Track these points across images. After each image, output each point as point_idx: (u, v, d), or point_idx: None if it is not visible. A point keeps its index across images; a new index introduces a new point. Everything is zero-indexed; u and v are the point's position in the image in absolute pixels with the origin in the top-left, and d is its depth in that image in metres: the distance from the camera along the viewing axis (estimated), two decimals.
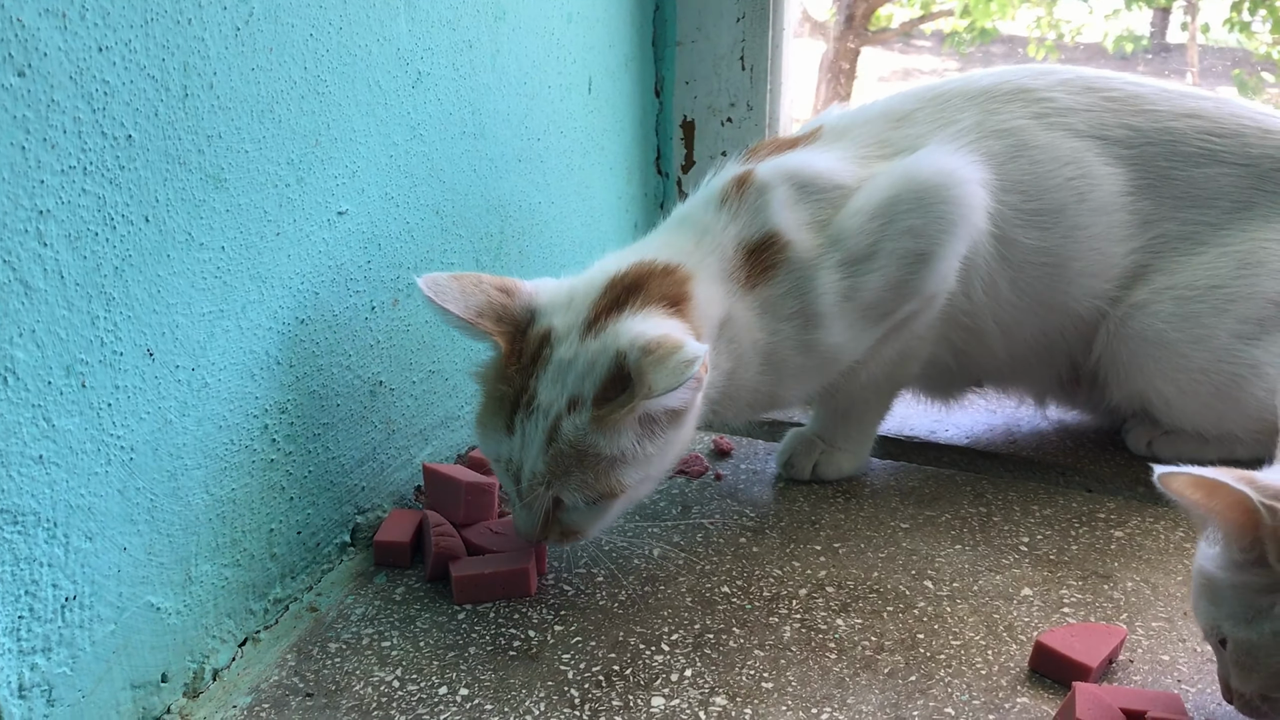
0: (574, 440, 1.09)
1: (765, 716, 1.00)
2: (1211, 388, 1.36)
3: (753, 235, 1.25)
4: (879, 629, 1.12)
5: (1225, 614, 0.86)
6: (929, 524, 1.33)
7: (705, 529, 1.32)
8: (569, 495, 1.11)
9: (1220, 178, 1.36)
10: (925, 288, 1.29)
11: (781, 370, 1.28)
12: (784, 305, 1.25)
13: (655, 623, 1.13)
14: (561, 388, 1.11)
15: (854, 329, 1.28)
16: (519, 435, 1.12)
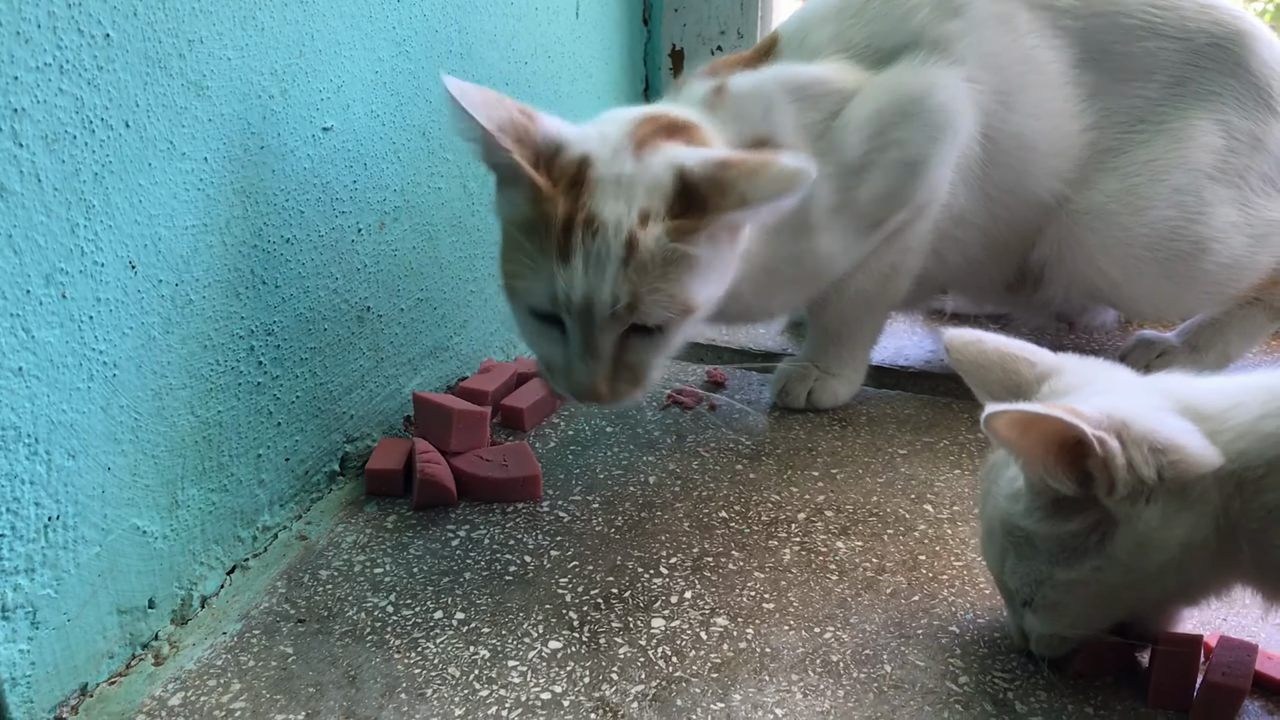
0: (657, 251, 1.05)
1: (768, 636, 0.98)
2: (1158, 267, 1.35)
3: (746, 136, 1.23)
4: (880, 551, 1.11)
5: (1045, 562, 0.86)
6: (927, 450, 1.32)
7: (701, 457, 1.31)
8: (653, 310, 1.06)
9: (1159, 52, 1.35)
10: (916, 197, 1.29)
11: (774, 278, 1.28)
12: None
13: (653, 547, 1.12)
14: (628, 202, 1.06)
15: (846, 239, 1.29)
16: (580, 260, 1.04)
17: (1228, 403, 0.83)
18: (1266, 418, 0.80)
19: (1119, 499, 0.80)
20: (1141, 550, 0.81)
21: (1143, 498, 0.80)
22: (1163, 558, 0.81)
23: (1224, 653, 0.89)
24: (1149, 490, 0.80)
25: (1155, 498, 0.80)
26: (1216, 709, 0.87)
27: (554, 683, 0.93)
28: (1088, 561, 0.83)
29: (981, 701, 0.91)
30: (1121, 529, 0.81)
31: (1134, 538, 0.81)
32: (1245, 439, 0.80)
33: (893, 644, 0.97)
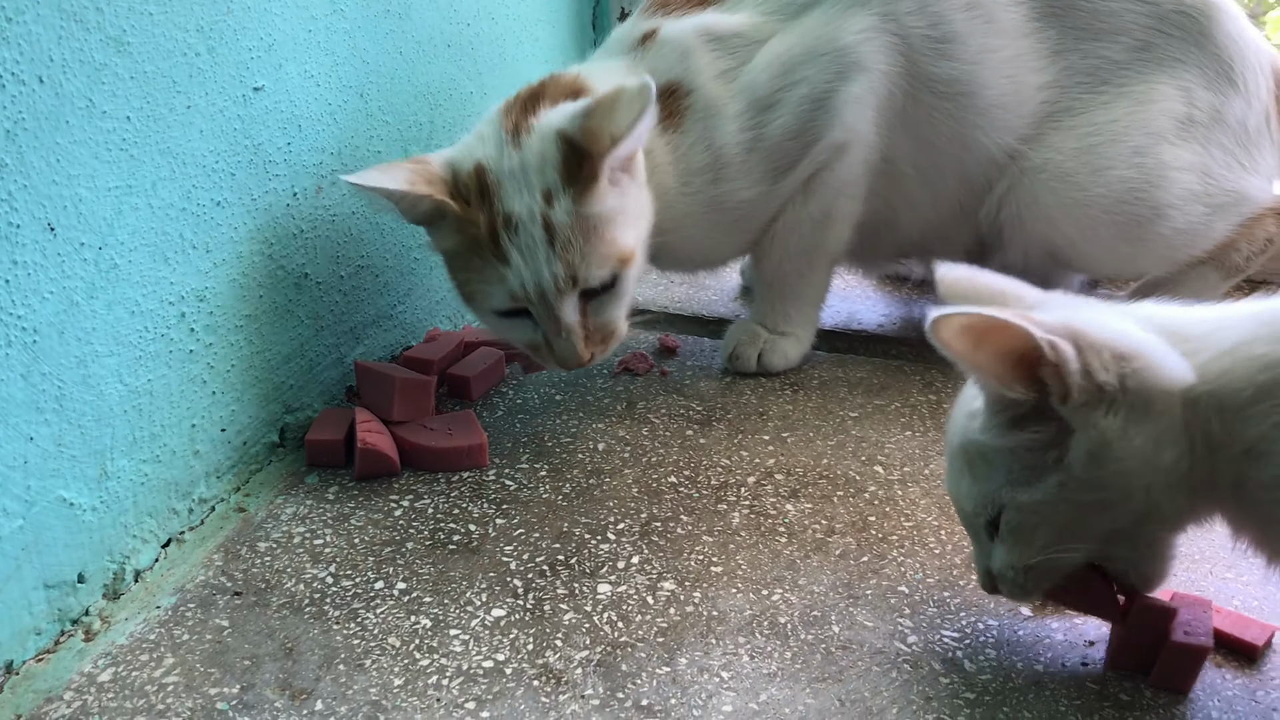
0: (571, 223, 1.13)
1: (715, 599, 0.97)
2: (1113, 228, 1.35)
3: (658, 81, 1.24)
4: (829, 513, 1.11)
5: (1003, 481, 0.84)
6: (878, 412, 1.32)
7: (651, 423, 1.30)
8: (594, 275, 1.15)
9: (1125, 14, 1.35)
10: (827, 134, 1.31)
11: (703, 225, 1.33)
12: (694, 157, 1.30)
13: (601, 513, 1.11)
14: (530, 191, 1.14)
15: (763, 182, 1.33)
16: (516, 256, 1.14)
17: (1210, 326, 0.81)
18: (1257, 341, 0.78)
19: (1075, 406, 0.78)
20: (1097, 462, 0.79)
21: (1102, 406, 0.78)
22: (1121, 470, 0.79)
23: (1183, 611, 0.89)
24: (1109, 399, 0.78)
25: (1116, 408, 0.78)
26: (1180, 669, 0.87)
27: (497, 650, 0.91)
28: (1050, 478, 0.81)
29: (930, 661, 0.90)
30: (1077, 439, 0.79)
31: (1089, 448, 0.79)
32: (1229, 359, 0.78)
33: (841, 605, 0.97)
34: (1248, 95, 1.36)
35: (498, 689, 0.87)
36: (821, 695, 0.86)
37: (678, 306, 1.66)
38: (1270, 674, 0.89)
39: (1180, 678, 0.87)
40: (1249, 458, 0.77)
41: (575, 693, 0.86)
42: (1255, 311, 0.81)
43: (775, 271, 1.42)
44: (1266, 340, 0.77)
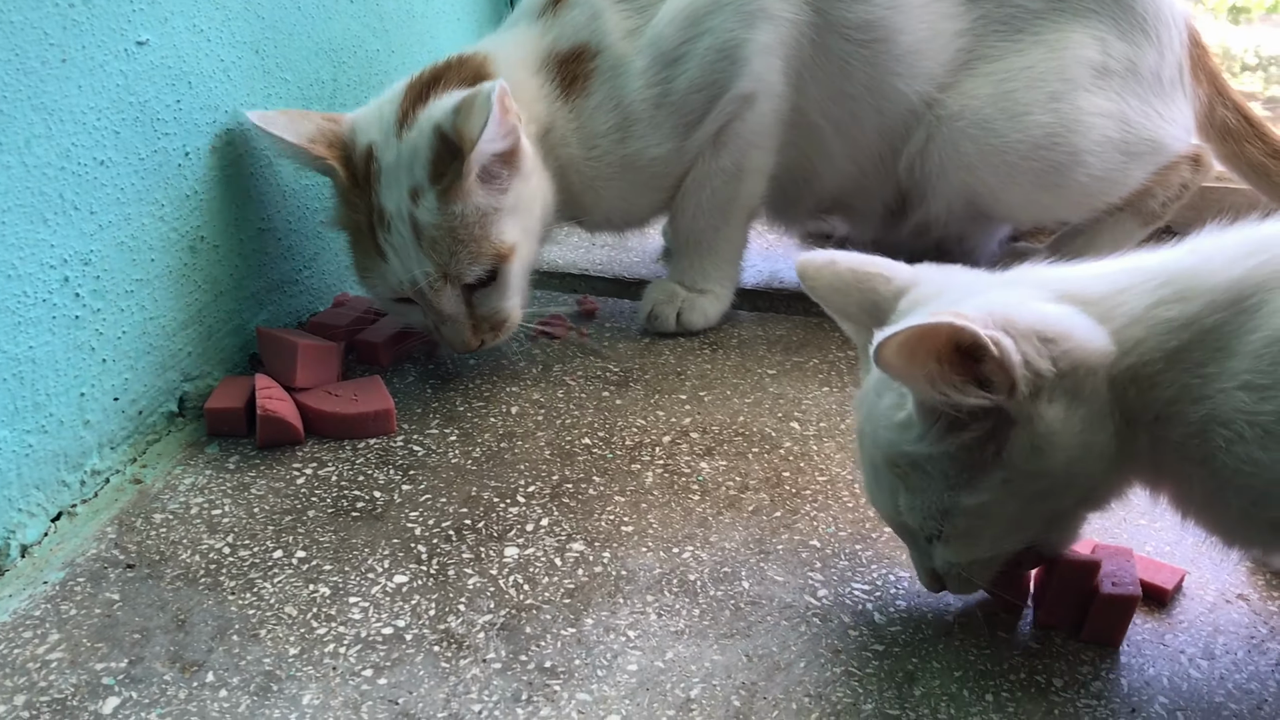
0: (436, 222, 1.15)
1: (625, 558, 0.96)
2: (1032, 175, 1.36)
3: (563, 46, 1.28)
4: (744, 470, 1.10)
5: (944, 487, 0.81)
6: (796, 369, 1.31)
7: (567, 385, 1.28)
8: (468, 273, 1.17)
9: None
10: (735, 85, 1.30)
11: (616, 184, 1.33)
12: (601, 119, 1.30)
13: (511, 477, 1.09)
14: (399, 187, 1.16)
15: (673, 138, 1.32)
16: (392, 254, 1.18)
17: (1111, 288, 0.79)
18: (1163, 304, 0.76)
19: (1020, 400, 0.76)
20: (1040, 453, 0.77)
21: (1043, 395, 0.76)
22: (1064, 458, 0.77)
23: (1106, 562, 0.88)
24: (1048, 386, 0.76)
25: (1054, 395, 0.76)
26: (1111, 621, 0.86)
27: (397, 617, 0.89)
28: (993, 475, 0.79)
29: (840, 614, 0.89)
30: (1017, 433, 0.77)
31: (1032, 440, 0.77)
32: (1140, 326, 0.76)
33: (752, 561, 0.96)
34: (1161, 47, 1.37)
35: (397, 655, 0.85)
36: (728, 651, 0.85)
37: (598, 269, 1.64)
38: (1179, 618, 0.89)
39: (1111, 630, 0.86)
40: (1161, 422, 0.76)
41: (477, 657, 0.85)
42: (1154, 269, 0.79)
43: (690, 228, 1.41)
44: (1172, 301, 0.76)
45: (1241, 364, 0.73)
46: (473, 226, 1.16)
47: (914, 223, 1.48)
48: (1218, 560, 0.95)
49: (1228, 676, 0.83)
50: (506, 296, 1.22)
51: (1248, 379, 0.72)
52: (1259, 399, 0.72)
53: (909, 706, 0.80)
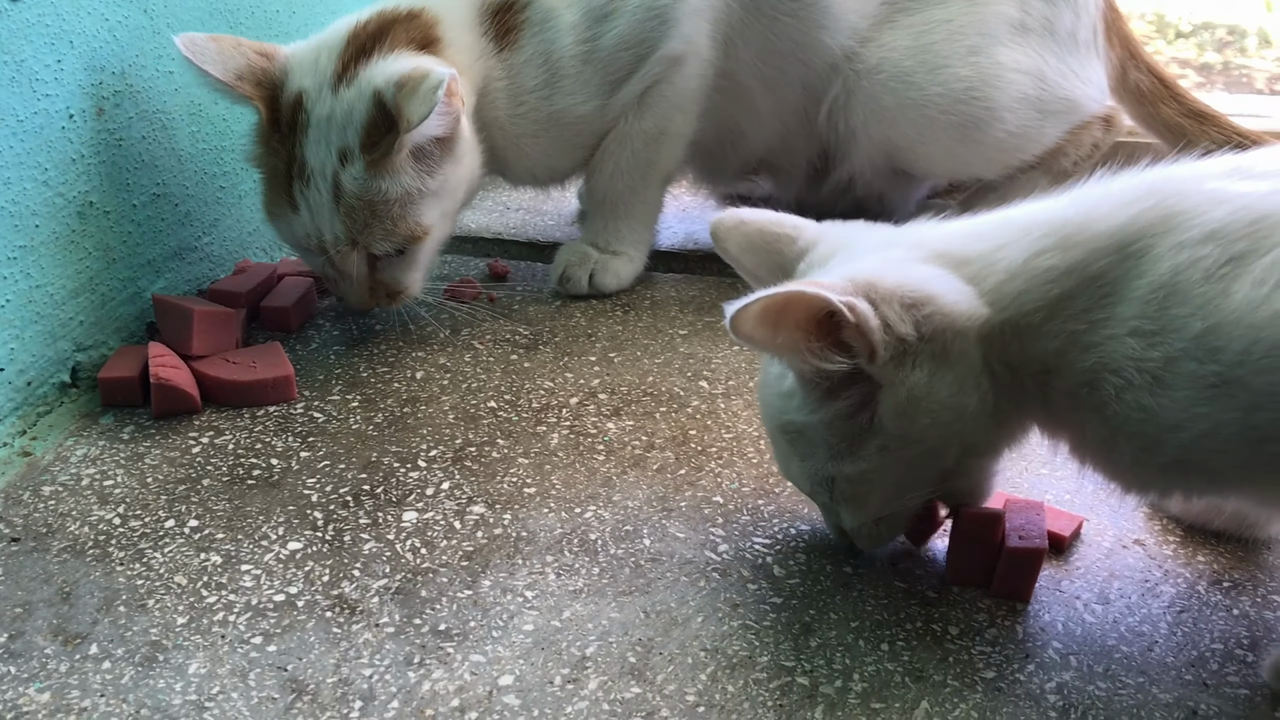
0: (359, 192, 1.14)
1: (525, 520, 0.95)
2: (951, 129, 1.37)
3: None
4: (650, 429, 1.09)
5: (826, 457, 0.82)
6: (708, 329, 1.31)
7: (475, 349, 1.26)
8: (377, 246, 1.17)
9: None
10: (663, 45, 1.30)
11: (539, 141, 1.33)
12: (529, 74, 1.28)
13: (413, 442, 1.08)
14: (328, 145, 1.14)
15: (598, 95, 1.32)
16: (305, 208, 1.17)
17: (989, 244, 0.80)
18: (1044, 254, 0.77)
19: (882, 364, 0.77)
20: (908, 417, 0.78)
21: (908, 360, 0.77)
22: (935, 421, 0.78)
23: (1015, 516, 0.89)
24: (912, 351, 0.77)
25: (919, 359, 0.77)
26: (1018, 576, 0.87)
27: (290, 584, 0.88)
28: (869, 444, 0.80)
29: (739, 568, 0.90)
30: (886, 398, 0.78)
31: (896, 405, 0.78)
32: (1020, 280, 0.77)
33: (655, 518, 0.96)
34: (1076, 8, 1.39)
35: (288, 622, 0.84)
36: (627, 608, 0.85)
37: (512, 233, 1.63)
38: (1076, 564, 0.91)
39: (1020, 584, 0.87)
40: (1051, 374, 0.77)
41: (370, 621, 0.84)
42: (1032, 220, 0.80)
43: (608, 188, 1.40)
44: (1053, 251, 0.77)
45: (1129, 310, 0.74)
46: (393, 204, 1.15)
47: (836, 180, 1.49)
48: (1116, 507, 0.96)
49: (1121, 620, 0.84)
50: (411, 271, 1.23)
51: (1136, 325, 0.73)
52: (1147, 345, 0.72)
53: (804, 657, 0.80)
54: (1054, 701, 0.76)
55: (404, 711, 0.75)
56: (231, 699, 0.76)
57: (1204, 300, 0.71)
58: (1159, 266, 0.73)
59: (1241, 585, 0.88)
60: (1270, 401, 0.68)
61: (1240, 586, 0.88)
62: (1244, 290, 0.69)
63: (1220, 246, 0.71)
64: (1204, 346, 0.70)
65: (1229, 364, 0.69)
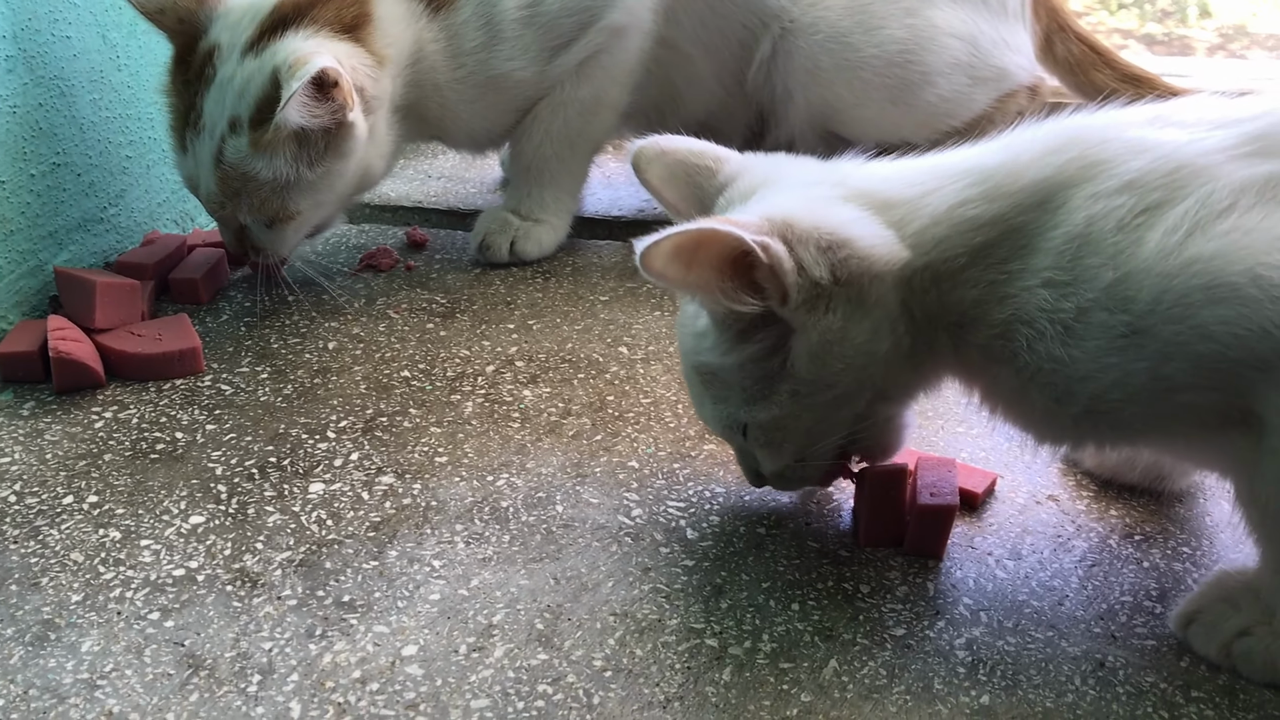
0: (235, 164, 1.13)
1: (436, 489, 0.94)
2: (885, 91, 1.37)
3: None
4: (567, 396, 1.08)
5: (739, 401, 0.82)
6: (629, 295, 1.30)
7: (390, 319, 1.24)
8: (243, 216, 1.17)
9: None
10: (606, 15, 1.29)
11: (474, 102, 1.31)
12: (469, 35, 1.26)
13: (323, 413, 1.06)
14: (223, 108, 1.13)
15: (538, 61, 1.30)
16: (192, 154, 1.16)
17: (917, 190, 0.78)
18: (969, 204, 0.76)
19: (795, 307, 0.76)
20: (820, 362, 0.77)
21: (822, 304, 0.76)
22: (847, 366, 0.78)
23: (926, 473, 0.89)
24: (827, 294, 0.75)
25: (833, 303, 0.76)
26: (929, 532, 0.86)
27: (190, 558, 0.86)
28: (781, 389, 0.79)
29: (652, 531, 0.89)
30: (797, 340, 0.77)
31: (810, 349, 0.77)
32: (942, 226, 0.76)
33: (568, 485, 0.95)
34: None
35: (187, 597, 0.82)
36: (536, 575, 0.84)
37: (433, 200, 1.61)
38: (989, 520, 0.91)
39: (931, 541, 0.87)
40: (966, 325, 0.77)
41: (271, 594, 0.82)
42: (959, 167, 0.79)
43: (535, 156, 1.38)
44: (978, 201, 0.76)
45: (1043, 261, 0.73)
46: (265, 185, 1.14)
47: (771, 145, 1.48)
48: (1030, 463, 0.97)
49: (1032, 575, 0.85)
50: (278, 240, 1.22)
51: (1049, 276, 0.73)
52: (1060, 296, 0.72)
53: (714, 619, 0.80)
54: (963, 657, 0.76)
55: (303, 684, 0.74)
56: (125, 676, 0.75)
57: (1116, 250, 0.70)
58: (1074, 217, 0.73)
59: (1152, 538, 0.89)
60: (1179, 351, 0.68)
61: (1151, 539, 0.89)
62: (1156, 239, 0.69)
63: (1136, 196, 0.71)
64: (1115, 296, 0.70)
65: (1139, 314, 0.69)
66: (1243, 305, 0.66)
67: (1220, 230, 0.68)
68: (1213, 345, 0.67)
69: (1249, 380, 0.68)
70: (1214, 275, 0.67)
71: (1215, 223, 0.68)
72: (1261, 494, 0.71)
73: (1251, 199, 0.68)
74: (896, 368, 0.79)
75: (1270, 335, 0.65)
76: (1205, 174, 0.70)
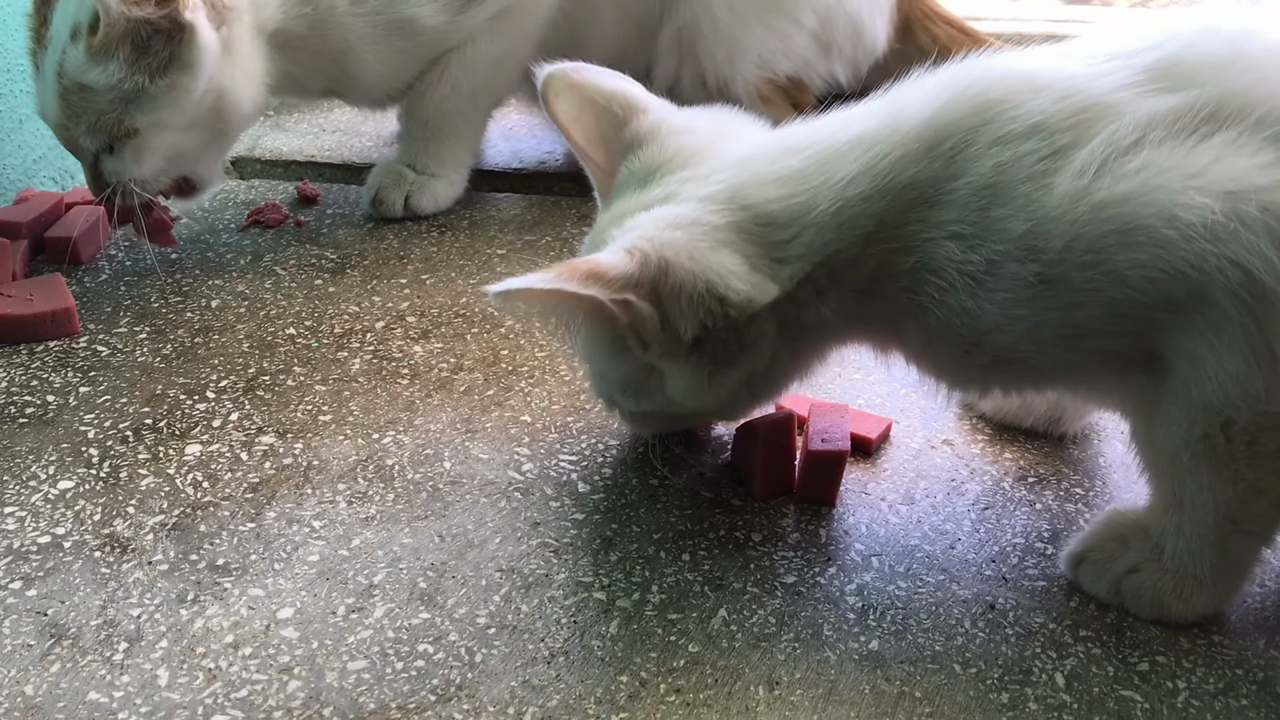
0: (74, 75, 1.08)
1: (318, 448, 0.92)
2: (758, 10, 1.37)
3: None
4: (460, 350, 1.06)
5: (612, 386, 0.84)
6: (528, 248, 1.28)
7: (276, 275, 1.21)
8: (84, 140, 1.11)
9: None
10: None
11: (380, 50, 1.26)
12: None
13: (202, 373, 1.03)
14: (66, 18, 1.08)
15: (448, 10, 1.27)
16: (42, 75, 1.11)
17: (805, 195, 0.75)
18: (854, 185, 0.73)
19: (659, 356, 0.77)
20: (694, 394, 0.79)
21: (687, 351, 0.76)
22: (720, 396, 0.79)
23: (818, 420, 0.89)
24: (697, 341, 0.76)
25: (704, 347, 0.76)
26: (821, 478, 0.86)
27: (57, 524, 0.83)
28: (657, 396, 0.80)
29: (543, 486, 0.88)
30: (667, 378, 0.79)
31: (679, 386, 0.79)
32: (829, 230, 0.74)
33: (457, 441, 0.93)
34: None
35: (52, 564, 0.79)
36: (420, 533, 0.82)
37: (326, 154, 1.57)
38: (883, 466, 0.91)
39: (823, 487, 0.87)
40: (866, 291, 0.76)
41: (142, 560, 0.80)
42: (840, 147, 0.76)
43: (437, 109, 1.35)
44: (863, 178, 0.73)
45: (948, 214, 0.72)
46: (101, 96, 1.08)
47: (656, 91, 1.48)
48: (926, 409, 0.97)
49: (925, 519, 0.85)
50: (120, 165, 1.13)
51: (955, 229, 0.72)
52: (967, 248, 0.71)
53: (603, 572, 0.79)
54: (853, 603, 0.77)
55: (173, 650, 0.72)
56: None
57: (1026, 200, 0.69)
58: (979, 165, 0.71)
59: (1046, 480, 0.90)
60: (1090, 298, 0.68)
61: (1045, 481, 0.89)
62: (1064, 184, 0.68)
63: (1043, 141, 0.70)
64: (1024, 247, 0.69)
65: (1050, 262, 0.68)
66: (1158, 248, 0.65)
67: (1130, 170, 0.67)
68: (1126, 290, 0.67)
69: (1158, 323, 0.68)
70: (1127, 219, 0.66)
71: (1124, 161, 0.67)
72: (1159, 435, 0.72)
73: (1160, 133, 0.67)
74: (778, 372, 0.80)
75: (1184, 276, 0.65)
76: (1111, 111, 0.69)
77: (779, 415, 0.88)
